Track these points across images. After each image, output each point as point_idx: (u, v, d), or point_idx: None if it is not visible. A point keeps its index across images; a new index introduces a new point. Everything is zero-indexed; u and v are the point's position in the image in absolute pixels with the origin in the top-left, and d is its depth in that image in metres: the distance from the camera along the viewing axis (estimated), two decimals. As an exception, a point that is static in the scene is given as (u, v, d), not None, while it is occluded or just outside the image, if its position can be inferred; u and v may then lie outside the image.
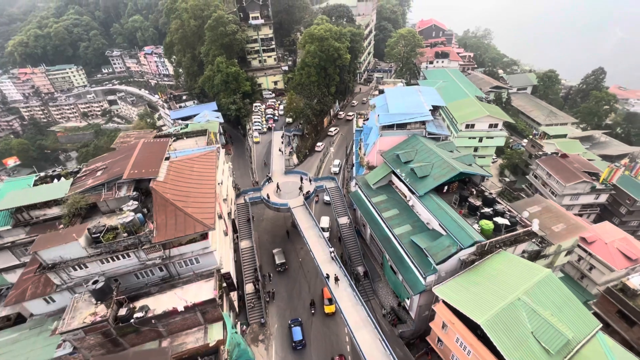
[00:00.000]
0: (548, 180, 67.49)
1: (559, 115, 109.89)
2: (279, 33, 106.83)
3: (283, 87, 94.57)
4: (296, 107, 73.03)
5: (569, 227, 39.51)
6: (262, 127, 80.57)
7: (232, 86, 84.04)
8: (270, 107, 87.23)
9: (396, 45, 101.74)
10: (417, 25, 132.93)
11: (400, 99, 49.71)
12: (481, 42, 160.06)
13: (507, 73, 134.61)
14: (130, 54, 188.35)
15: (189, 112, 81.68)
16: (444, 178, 35.95)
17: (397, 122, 43.78)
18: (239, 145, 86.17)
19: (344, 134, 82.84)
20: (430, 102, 47.99)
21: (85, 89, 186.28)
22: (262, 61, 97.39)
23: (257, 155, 74.07)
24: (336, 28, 77.91)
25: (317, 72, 77.20)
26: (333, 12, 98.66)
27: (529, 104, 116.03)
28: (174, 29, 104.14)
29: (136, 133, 58.78)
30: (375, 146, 45.79)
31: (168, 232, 29.48)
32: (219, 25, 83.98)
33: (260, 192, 51.25)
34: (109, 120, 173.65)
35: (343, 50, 76.82)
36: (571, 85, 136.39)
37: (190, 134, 61.10)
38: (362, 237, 48.94)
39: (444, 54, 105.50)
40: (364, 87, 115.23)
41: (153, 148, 38.91)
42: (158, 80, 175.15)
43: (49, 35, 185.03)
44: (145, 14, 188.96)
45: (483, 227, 32.43)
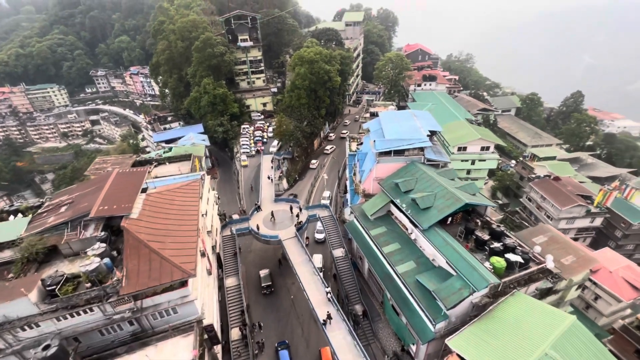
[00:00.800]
0: (543, 204, 65.98)
1: (543, 137, 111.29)
2: (268, 55, 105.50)
3: (272, 109, 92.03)
4: (286, 129, 70.14)
5: (579, 259, 36.95)
6: (250, 149, 77.04)
7: (219, 108, 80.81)
8: (259, 129, 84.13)
9: (384, 68, 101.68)
10: (404, 49, 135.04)
11: (395, 123, 47.40)
12: (464, 65, 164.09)
13: (491, 95, 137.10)
14: (115, 73, 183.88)
15: (174, 135, 77.63)
16: (449, 210, 32.99)
17: (394, 149, 41.10)
18: (226, 169, 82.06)
19: (335, 157, 79.96)
20: (427, 126, 45.84)
21: (66, 108, 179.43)
22: (250, 83, 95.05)
23: (245, 180, 70.10)
24: (326, 51, 76.71)
25: (307, 94, 75.11)
26: (322, 36, 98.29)
27: (514, 125, 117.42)
28: (161, 50, 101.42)
29: (113, 158, 54.11)
30: (371, 173, 42.83)
31: (140, 281, 24.98)
32: (207, 47, 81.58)
33: (248, 222, 47.03)
34: (91, 141, 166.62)
35: (333, 73, 75.33)
36: (552, 107, 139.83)
37: (173, 159, 56.97)
38: (358, 270, 45.06)
39: (431, 77, 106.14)
40: (353, 109, 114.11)
41: (128, 179, 34.64)
42: (144, 101, 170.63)
43: (31, 54, 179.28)
44: (133, 34, 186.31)
45: (495, 266, 29.28)
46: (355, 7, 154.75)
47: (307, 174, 74.63)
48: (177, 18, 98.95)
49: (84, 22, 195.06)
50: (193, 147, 68.24)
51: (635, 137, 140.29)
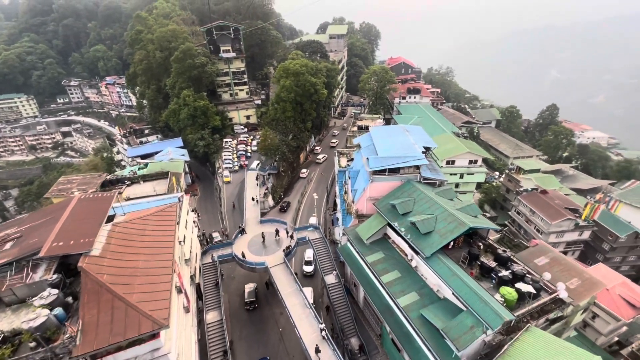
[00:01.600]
0: (532, 217, 65.10)
1: (524, 148, 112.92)
2: (251, 66, 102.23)
3: (256, 122, 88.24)
4: (271, 143, 66.48)
5: (584, 282, 35.03)
6: (233, 164, 72.65)
7: (200, 121, 76.27)
8: (243, 142, 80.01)
9: (369, 81, 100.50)
10: (387, 62, 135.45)
11: (387, 139, 44.84)
12: (444, 79, 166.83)
13: (471, 108, 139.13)
14: (90, 83, 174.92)
15: (150, 149, 72.26)
16: (452, 235, 30.22)
17: (389, 167, 38.30)
18: (207, 185, 77.10)
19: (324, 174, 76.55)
20: (421, 142, 43.49)
21: (35, 119, 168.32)
22: (233, 95, 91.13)
23: (228, 197, 65.54)
24: (312, 63, 74.28)
25: (292, 107, 72.06)
26: (307, 48, 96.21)
27: (495, 137, 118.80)
28: (138, 60, 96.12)
29: (80, 178, 48.52)
30: (365, 193, 39.77)
31: (100, 337, 20.38)
32: (187, 57, 77.37)
33: (231, 247, 42.64)
34: (61, 154, 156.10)
35: (320, 85, 72.80)
36: (529, 120, 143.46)
37: (148, 177, 52.04)
38: (352, 296, 41.45)
39: (415, 89, 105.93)
40: (338, 121, 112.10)
41: (91, 206, 29.83)
42: (120, 112, 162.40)
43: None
44: (109, 44, 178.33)
45: (506, 298, 26.53)
46: (338, 21, 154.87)
47: (294, 189, 70.98)
48: (156, 28, 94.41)
49: (57, 30, 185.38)
50: (171, 163, 63.41)
51: (605, 148, 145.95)
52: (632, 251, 63.01)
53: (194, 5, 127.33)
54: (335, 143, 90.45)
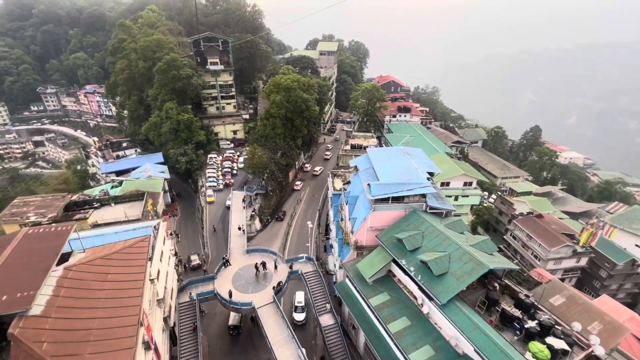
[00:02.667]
0: (529, 243, 62.61)
1: (511, 169, 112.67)
2: (240, 80, 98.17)
3: (244, 137, 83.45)
4: (259, 161, 61.68)
5: (607, 327, 31.66)
6: (217, 183, 67.21)
7: (183, 135, 70.84)
8: (228, 159, 74.83)
9: (360, 98, 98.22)
10: (377, 80, 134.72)
11: (387, 162, 41.17)
12: (430, 98, 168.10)
13: (458, 127, 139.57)
14: (68, 91, 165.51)
15: (127, 165, 65.97)
16: (470, 278, 26.24)
17: (393, 195, 34.36)
18: (189, 204, 70.92)
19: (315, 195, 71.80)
20: (424, 167, 40.05)
21: (5, 127, 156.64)
22: (220, 108, 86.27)
23: (211, 219, 59.85)
24: (304, 79, 70.90)
25: (283, 123, 67.96)
26: (297, 63, 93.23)
27: (483, 157, 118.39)
28: (120, 69, 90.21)
29: (39, 199, 42.02)
30: (365, 222, 35.54)
31: None
32: (171, 68, 72.44)
33: (213, 282, 37.10)
34: (31, 164, 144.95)
35: (312, 102, 69.26)
36: (513, 140, 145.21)
37: (120, 198, 46.03)
38: (349, 338, 36.49)
39: (406, 108, 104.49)
40: (327, 137, 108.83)
41: (41, 244, 24.02)
42: (99, 122, 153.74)
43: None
44: (91, 52, 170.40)
45: (538, 357, 22.50)
46: (327, 38, 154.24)
47: (285, 207, 66.01)
48: (140, 37, 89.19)
49: (35, 36, 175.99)
50: (149, 182, 57.61)
51: (581, 168, 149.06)
52: (628, 278, 61.26)
53: (182, 17, 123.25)
54: (329, 156, 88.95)
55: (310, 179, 77.86)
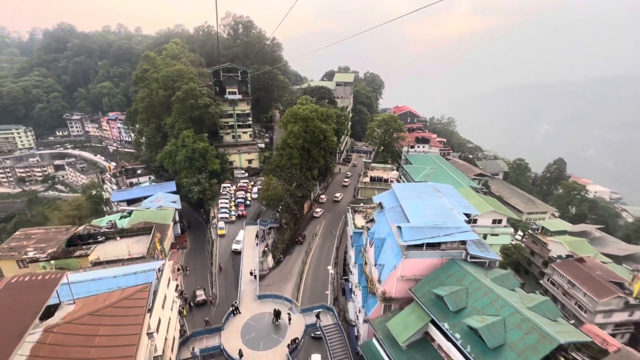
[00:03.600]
0: (572, 291, 55.39)
1: (537, 204, 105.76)
2: (256, 109, 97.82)
3: (258, 167, 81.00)
4: (274, 193, 58.21)
5: None
6: (229, 214, 63.67)
7: (197, 164, 68.72)
8: (242, 189, 71.84)
9: (377, 129, 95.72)
10: (393, 110, 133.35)
11: (417, 200, 36.84)
12: (446, 128, 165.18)
13: (477, 159, 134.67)
14: (92, 118, 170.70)
15: (138, 193, 63.57)
16: (536, 356, 20.81)
17: (428, 241, 29.73)
18: (199, 235, 67.18)
19: (333, 232, 67.11)
20: (459, 207, 35.49)
21: (30, 151, 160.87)
22: (236, 137, 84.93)
23: (221, 254, 55.59)
24: (322, 109, 68.97)
25: (299, 153, 65.15)
26: (315, 93, 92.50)
27: (505, 190, 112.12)
28: (140, 98, 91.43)
29: (42, 232, 39.11)
30: (395, 271, 30.73)
31: None
32: (189, 97, 72.02)
33: (220, 335, 32.30)
34: (50, 188, 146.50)
35: (330, 132, 66.71)
36: (535, 173, 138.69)
37: (127, 232, 42.69)
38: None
39: (424, 139, 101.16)
40: (343, 167, 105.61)
41: (24, 295, 20.32)
42: (118, 147, 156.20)
43: (0, 93, 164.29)
44: (117, 81, 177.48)
45: None
46: (343, 70, 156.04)
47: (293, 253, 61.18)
48: (163, 67, 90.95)
49: (68, 67, 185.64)
50: (159, 212, 54.55)
51: (608, 203, 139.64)
52: (692, 337, 52.64)
53: (204, 49, 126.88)
54: (347, 182, 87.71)
55: (330, 206, 74.17)
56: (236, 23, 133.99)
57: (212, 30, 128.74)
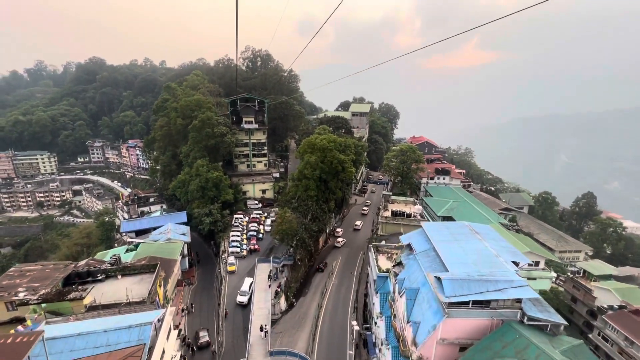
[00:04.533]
0: (630, 350, 47.19)
1: (569, 241, 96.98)
2: (272, 138, 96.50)
3: (272, 197, 77.67)
4: (289, 227, 54.01)
5: None
6: (241, 248, 59.42)
7: (210, 194, 65.93)
8: (255, 220, 68.03)
9: (395, 159, 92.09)
10: (409, 140, 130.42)
11: (454, 244, 31.96)
12: (464, 159, 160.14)
13: (498, 191, 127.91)
14: (112, 145, 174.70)
15: (148, 224, 60.55)
16: None
17: (475, 298, 24.56)
18: (208, 269, 62.85)
19: (349, 269, 61.96)
20: (505, 253, 30.35)
21: (51, 176, 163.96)
22: (250, 166, 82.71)
23: (229, 293, 50.77)
24: (340, 139, 66.18)
25: (316, 185, 61.53)
26: (331, 123, 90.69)
27: (532, 225, 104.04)
28: (159, 126, 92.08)
29: (38, 268, 35.73)
30: (435, 333, 25.34)
31: None
32: (206, 126, 70.95)
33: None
34: (66, 213, 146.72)
35: (348, 163, 63.28)
36: (563, 207, 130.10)
37: (129, 270, 38.90)
38: None
39: (444, 170, 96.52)
40: (359, 198, 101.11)
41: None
42: (135, 174, 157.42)
43: (30, 121, 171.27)
44: (139, 110, 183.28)
45: None
46: (358, 100, 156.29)
47: (313, 281, 56.06)
48: (182, 97, 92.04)
49: (95, 97, 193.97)
50: (167, 246, 50.91)
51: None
52: None
53: (223, 80, 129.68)
54: (367, 211, 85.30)
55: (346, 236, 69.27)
56: (255, 56, 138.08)
57: (232, 62, 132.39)
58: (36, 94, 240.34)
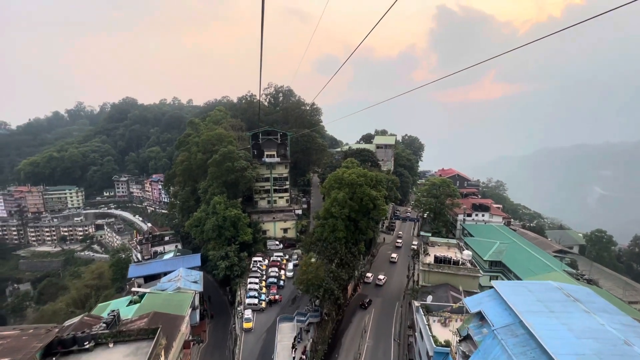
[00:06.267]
0: None
1: (638, 289, 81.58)
2: (293, 172, 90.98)
3: (294, 237, 70.01)
4: (314, 276, 45.59)
5: None
6: (259, 299, 51.01)
7: (227, 234, 59.26)
8: (275, 264, 60.04)
9: (427, 194, 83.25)
10: (437, 173, 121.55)
11: (552, 320, 22.86)
12: (496, 192, 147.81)
13: (542, 229, 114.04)
14: (137, 180, 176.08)
15: (158, 269, 53.79)
16: None
17: None
18: (222, 320, 54.35)
19: (379, 310, 52.08)
20: (631, 334, 20.71)
21: (77, 211, 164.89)
22: (271, 202, 76.43)
23: (245, 357, 41.84)
24: (371, 173, 58.98)
25: (345, 225, 53.69)
26: (357, 156, 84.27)
27: (592, 270, 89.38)
28: (180, 161, 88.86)
29: (16, 334, 28.81)
30: None
31: None
32: (226, 161, 66.24)
33: None
34: (87, 248, 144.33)
35: (380, 200, 55.46)
36: (619, 247, 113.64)
37: (123, 336, 31.45)
38: None
39: (483, 206, 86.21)
40: (387, 236, 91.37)
41: None
42: (156, 208, 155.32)
43: (63, 157, 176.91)
44: (165, 146, 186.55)
45: None
46: (380, 132, 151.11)
47: (345, 341, 46.13)
48: (204, 131, 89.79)
49: (124, 134, 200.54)
50: (176, 297, 43.51)
51: None
52: None
53: (245, 115, 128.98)
54: (400, 244, 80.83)
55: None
56: (277, 92, 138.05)
57: (254, 98, 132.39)
58: (73, 132, 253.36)
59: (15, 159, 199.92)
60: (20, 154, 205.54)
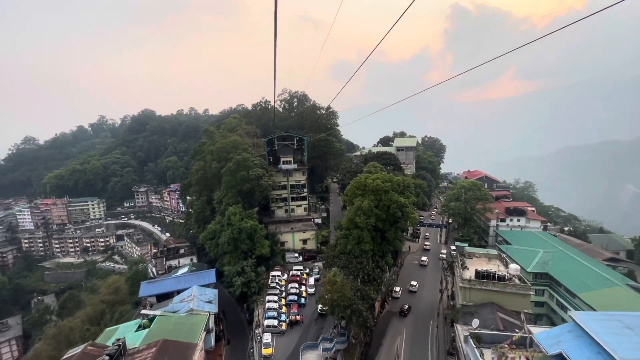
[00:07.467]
0: None
1: None
2: (310, 179, 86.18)
3: (315, 248, 64.87)
4: (340, 297, 40.11)
5: None
6: (279, 319, 45.93)
7: (243, 247, 54.85)
8: (295, 279, 55.01)
9: (456, 199, 76.41)
10: (463, 176, 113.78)
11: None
12: (525, 194, 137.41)
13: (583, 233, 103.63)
14: (156, 190, 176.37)
15: (171, 286, 49.65)
16: None
17: None
18: (239, 340, 49.58)
19: (410, 332, 45.98)
20: None
21: (99, 221, 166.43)
22: (289, 211, 71.77)
23: (265, 390, 36.72)
24: (398, 178, 53.28)
25: (371, 236, 48.13)
26: (378, 160, 78.73)
27: (643, 278, 79.13)
28: (195, 170, 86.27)
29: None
30: None
31: None
32: (241, 169, 62.23)
33: None
34: (108, 259, 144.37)
35: (409, 207, 49.63)
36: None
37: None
38: None
39: (518, 210, 78.33)
40: (413, 245, 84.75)
41: None
42: (174, 217, 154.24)
43: (85, 170, 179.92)
44: (182, 155, 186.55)
45: None
46: (399, 135, 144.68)
47: None
48: (219, 139, 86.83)
49: (143, 145, 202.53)
50: (188, 320, 39.12)
51: None
52: None
53: (260, 122, 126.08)
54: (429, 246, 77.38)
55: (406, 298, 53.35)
56: (291, 97, 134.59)
57: (269, 104, 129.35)
58: (96, 145, 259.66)
59: (43, 172, 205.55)
60: (47, 167, 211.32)
